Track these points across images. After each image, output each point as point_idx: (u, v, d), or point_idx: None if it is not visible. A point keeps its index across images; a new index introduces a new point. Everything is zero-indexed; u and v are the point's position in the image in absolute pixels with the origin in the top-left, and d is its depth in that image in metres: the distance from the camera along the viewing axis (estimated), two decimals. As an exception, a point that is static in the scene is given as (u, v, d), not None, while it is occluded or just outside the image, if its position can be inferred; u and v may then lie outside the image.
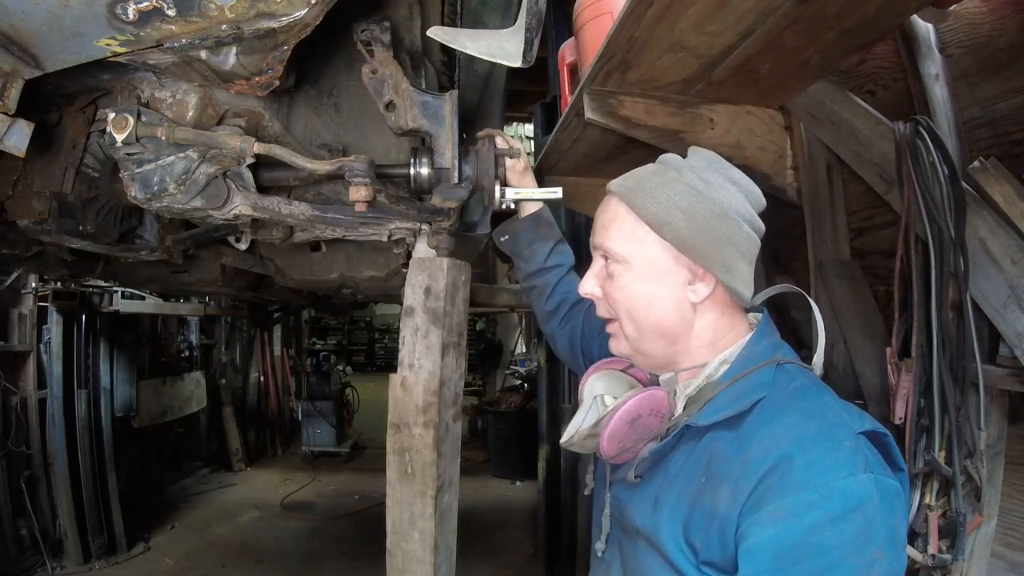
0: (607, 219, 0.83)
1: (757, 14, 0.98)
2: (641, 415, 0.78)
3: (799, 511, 0.62)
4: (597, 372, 0.94)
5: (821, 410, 0.70)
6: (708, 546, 0.68)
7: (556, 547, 3.65)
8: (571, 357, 1.26)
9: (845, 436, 0.66)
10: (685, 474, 0.74)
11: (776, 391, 0.73)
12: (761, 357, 0.77)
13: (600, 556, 0.88)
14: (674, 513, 0.73)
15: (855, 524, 0.62)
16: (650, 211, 0.78)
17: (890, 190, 1.20)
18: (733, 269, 0.78)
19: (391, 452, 1.42)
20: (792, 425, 0.68)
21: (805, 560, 0.62)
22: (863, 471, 0.63)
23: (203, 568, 3.99)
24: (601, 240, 0.83)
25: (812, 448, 0.65)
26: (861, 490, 0.62)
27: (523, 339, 7.76)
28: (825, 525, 0.61)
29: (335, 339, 14.69)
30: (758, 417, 0.71)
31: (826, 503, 0.62)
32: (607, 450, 0.80)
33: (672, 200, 0.78)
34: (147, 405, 4.80)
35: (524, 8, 1.18)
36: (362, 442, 7.12)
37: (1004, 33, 1.07)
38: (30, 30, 0.86)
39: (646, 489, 0.79)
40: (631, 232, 0.80)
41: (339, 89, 1.42)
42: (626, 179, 0.84)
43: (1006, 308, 0.98)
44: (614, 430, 0.78)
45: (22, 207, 1.29)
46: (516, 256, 1.37)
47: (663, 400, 0.79)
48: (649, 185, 0.80)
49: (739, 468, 0.67)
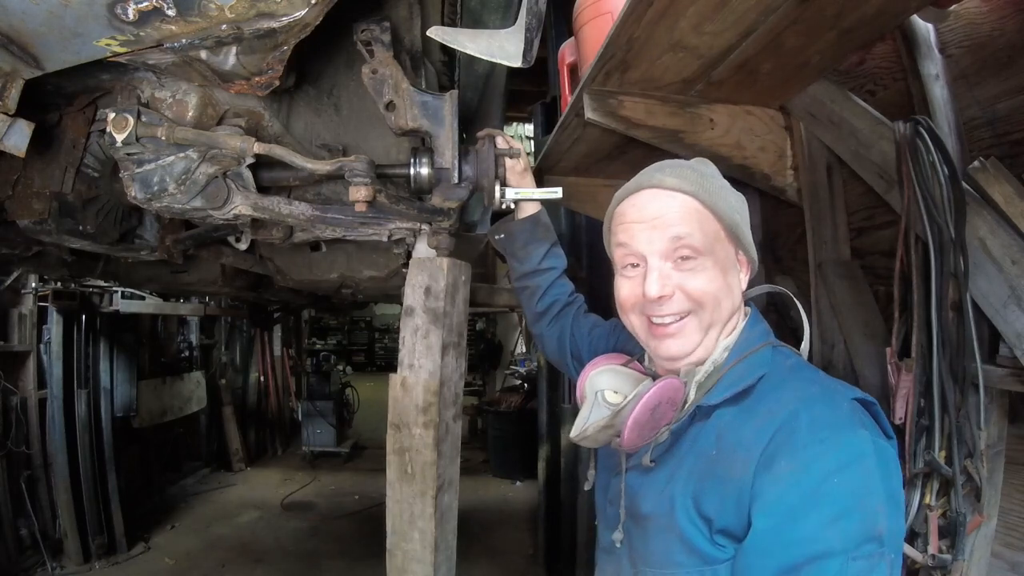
0: (681, 215, 0.82)
1: (757, 14, 0.99)
2: (661, 403, 0.82)
3: (808, 463, 0.67)
4: (596, 368, 0.95)
5: (819, 378, 0.78)
6: (724, 514, 0.72)
7: (556, 547, 3.66)
8: (560, 358, 1.29)
9: (842, 399, 0.73)
10: (695, 452, 0.79)
11: (776, 367, 0.80)
12: (758, 340, 0.84)
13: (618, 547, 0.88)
14: (685, 489, 0.77)
15: (859, 474, 0.66)
16: (722, 209, 0.84)
17: (890, 190, 1.20)
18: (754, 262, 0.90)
19: (391, 452, 1.42)
20: (795, 389, 0.75)
21: (818, 508, 0.65)
22: (861, 427, 0.69)
23: (203, 568, 3.99)
24: (675, 235, 0.81)
25: (814, 406, 0.71)
26: (861, 444, 0.68)
27: (523, 339, 7.76)
28: (833, 474, 0.66)
29: (335, 339, 14.68)
30: (762, 389, 0.78)
31: (832, 454, 0.67)
32: (628, 439, 0.81)
33: (729, 201, 0.86)
34: (147, 405, 4.80)
35: (524, 8, 1.18)
36: (362, 442, 7.12)
37: (1004, 33, 1.06)
38: (30, 30, 0.86)
39: (659, 472, 0.83)
40: (711, 227, 0.83)
41: (339, 89, 1.42)
42: (683, 177, 0.84)
43: (1006, 308, 0.98)
44: (638, 418, 0.80)
45: (22, 207, 1.29)
46: (510, 256, 1.38)
47: (680, 389, 0.83)
48: (712, 186, 0.85)
49: (750, 434, 0.73)
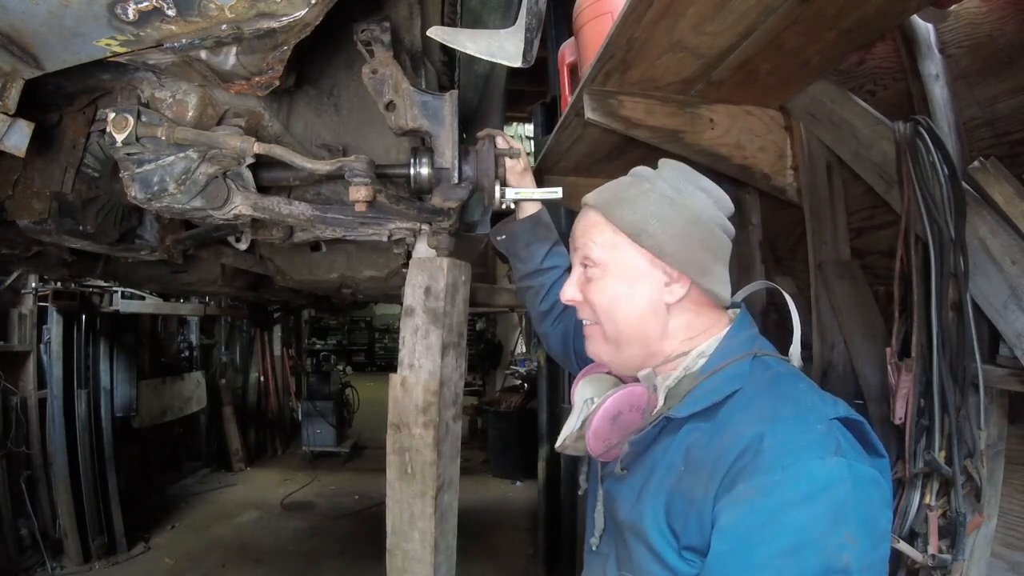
0: (585, 227, 0.89)
1: (757, 14, 0.99)
2: (622, 412, 0.82)
3: (768, 490, 0.64)
4: (586, 377, 0.98)
5: (794, 396, 0.73)
6: (687, 531, 0.71)
7: (556, 547, 3.65)
8: (563, 356, 1.30)
9: (817, 420, 0.68)
10: (665, 464, 0.78)
11: (752, 382, 0.76)
12: (739, 350, 0.80)
13: (595, 550, 0.91)
14: (655, 502, 0.76)
15: (824, 506, 0.63)
16: (627, 220, 0.84)
17: (890, 190, 1.20)
18: (708, 271, 0.83)
19: (391, 452, 1.42)
20: (765, 409, 0.71)
21: (774, 539, 0.63)
22: (833, 454, 0.65)
23: (203, 568, 3.99)
24: (580, 248, 0.89)
25: (783, 429, 0.67)
26: (830, 472, 0.64)
27: (523, 339, 7.75)
28: (793, 505, 0.63)
29: (335, 339, 14.67)
30: (733, 405, 0.74)
31: (795, 483, 0.64)
32: (594, 448, 0.84)
33: (647, 209, 0.83)
34: (147, 405, 4.80)
35: (524, 8, 1.18)
36: (362, 442, 7.12)
37: (1004, 33, 1.06)
38: (30, 30, 0.86)
39: (632, 481, 0.82)
40: (609, 240, 0.85)
41: (339, 89, 1.42)
42: (601, 192, 0.90)
43: (1006, 308, 0.98)
44: (597, 429, 0.83)
45: (22, 207, 1.29)
46: (513, 257, 1.38)
47: (643, 395, 0.83)
48: (625, 196, 0.86)
49: (715, 453, 0.70)
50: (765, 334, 0.86)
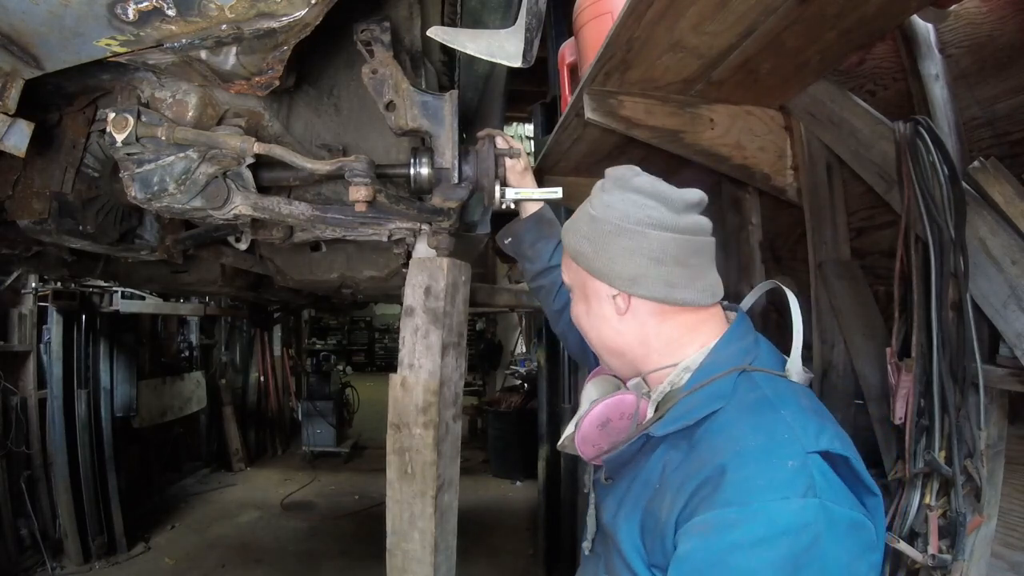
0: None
1: (757, 14, 0.99)
2: (611, 419, 0.82)
3: (721, 528, 0.61)
4: (594, 379, 0.98)
5: (771, 426, 0.67)
6: (654, 550, 0.70)
7: (556, 547, 3.66)
8: (582, 355, 1.28)
9: (790, 455, 0.63)
10: (642, 479, 0.77)
11: (734, 402, 0.71)
12: (726, 364, 0.76)
13: (587, 554, 0.91)
14: (631, 516, 0.76)
15: (780, 551, 0.58)
16: (569, 244, 0.88)
17: (890, 190, 1.20)
18: (639, 279, 0.78)
19: (391, 452, 1.42)
20: (735, 439, 0.66)
21: None
22: (802, 495, 0.60)
23: (203, 568, 3.99)
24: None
25: (747, 464, 0.63)
26: (793, 516, 0.59)
27: (523, 339, 7.76)
28: (744, 548, 0.59)
29: (335, 339, 14.67)
30: (710, 427, 0.71)
31: (750, 525, 0.59)
32: (584, 452, 0.86)
33: (579, 230, 0.85)
34: (147, 405, 4.80)
35: (524, 8, 1.18)
36: (362, 442, 7.12)
37: (1004, 33, 1.06)
38: (30, 30, 0.86)
39: (615, 491, 0.83)
40: (569, 263, 0.90)
41: (339, 89, 1.42)
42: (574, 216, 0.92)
43: (1006, 308, 0.98)
44: (585, 434, 0.84)
45: (22, 207, 1.29)
46: (521, 257, 1.36)
47: (632, 404, 0.82)
48: (574, 218, 0.88)
49: (681, 477, 0.69)
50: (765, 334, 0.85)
